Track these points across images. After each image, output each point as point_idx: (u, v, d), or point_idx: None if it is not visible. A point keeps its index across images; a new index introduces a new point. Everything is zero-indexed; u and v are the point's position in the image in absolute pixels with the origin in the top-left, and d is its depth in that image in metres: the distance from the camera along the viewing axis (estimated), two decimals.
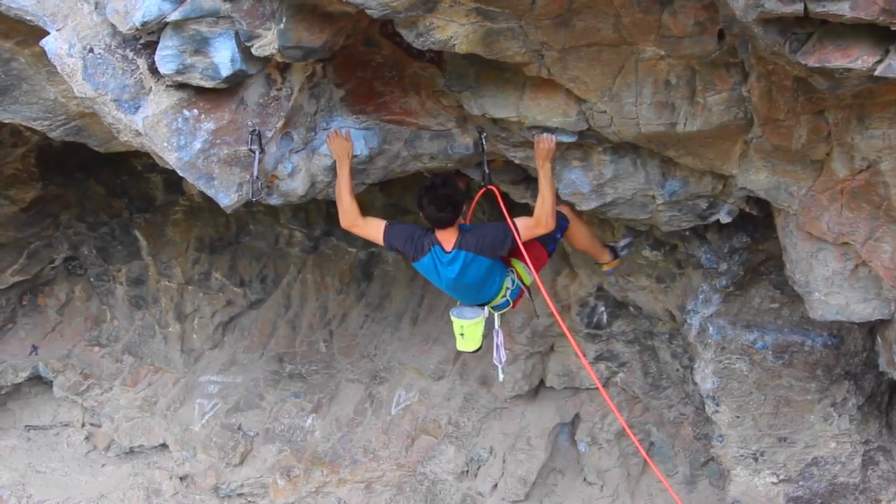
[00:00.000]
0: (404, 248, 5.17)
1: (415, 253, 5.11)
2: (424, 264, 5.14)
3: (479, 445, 8.50)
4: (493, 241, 5.13)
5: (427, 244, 5.07)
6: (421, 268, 5.20)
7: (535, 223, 5.13)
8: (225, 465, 8.77)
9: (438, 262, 5.09)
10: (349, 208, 5.16)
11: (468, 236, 5.06)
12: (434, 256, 5.07)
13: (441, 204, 4.92)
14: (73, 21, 4.34)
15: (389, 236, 5.16)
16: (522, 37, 4.26)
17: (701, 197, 5.48)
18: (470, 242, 5.05)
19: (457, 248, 5.04)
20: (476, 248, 5.07)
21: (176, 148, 4.47)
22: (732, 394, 6.77)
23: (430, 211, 4.93)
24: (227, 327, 9.39)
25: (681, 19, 4.04)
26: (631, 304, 7.61)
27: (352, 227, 5.24)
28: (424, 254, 5.08)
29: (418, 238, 5.10)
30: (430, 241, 5.06)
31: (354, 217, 5.17)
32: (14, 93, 5.03)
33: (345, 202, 5.15)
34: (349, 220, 5.20)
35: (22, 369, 9.23)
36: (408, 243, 5.13)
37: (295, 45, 4.29)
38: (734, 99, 4.47)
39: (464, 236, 5.05)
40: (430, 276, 5.25)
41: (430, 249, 5.06)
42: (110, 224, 8.90)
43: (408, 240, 5.13)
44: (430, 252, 5.07)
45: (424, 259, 5.10)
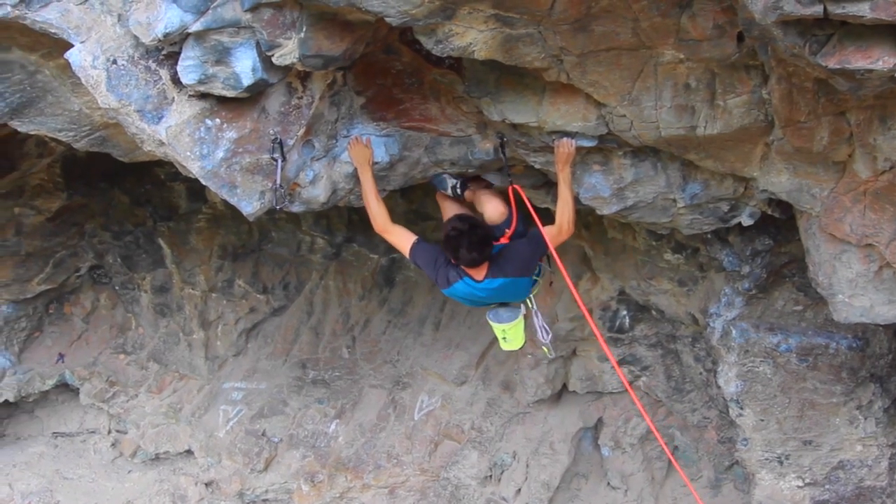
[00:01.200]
0: (430, 274, 5.17)
1: (441, 282, 5.11)
2: (454, 291, 5.12)
3: (502, 450, 8.49)
4: (525, 262, 5.17)
5: (453, 276, 5.04)
6: (450, 293, 5.18)
7: (558, 230, 5.17)
8: (250, 471, 8.81)
9: (471, 288, 5.08)
10: (378, 213, 5.18)
11: (500, 262, 5.04)
12: (464, 284, 5.06)
13: (481, 248, 4.89)
14: (97, 33, 4.39)
15: (416, 256, 5.17)
16: (541, 42, 4.27)
17: (722, 200, 5.45)
18: (505, 269, 5.06)
19: (491, 278, 5.04)
20: (512, 271, 5.10)
21: (199, 157, 4.51)
22: (756, 397, 6.73)
23: (472, 256, 4.88)
24: (251, 334, 9.45)
25: (700, 22, 4.03)
26: (653, 307, 7.58)
27: (383, 232, 5.26)
28: (451, 283, 5.06)
29: (443, 267, 5.07)
30: (456, 272, 5.03)
31: (385, 222, 5.19)
32: (40, 104, 5.07)
33: (373, 208, 5.18)
34: (380, 226, 5.22)
35: (49, 377, 9.33)
36: (434, 270, 5.11)
37: (315, 54, 4.32)
38: (754, 101, 4.44)
39: (495, 264, 5.02)
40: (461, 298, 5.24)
41: (458, 279, 5.04)
42: (135, 233, 8.98)
43: (433, 267, 5.11)
44: (460, 281, 5.05)
45: (454, 287, 5.09)
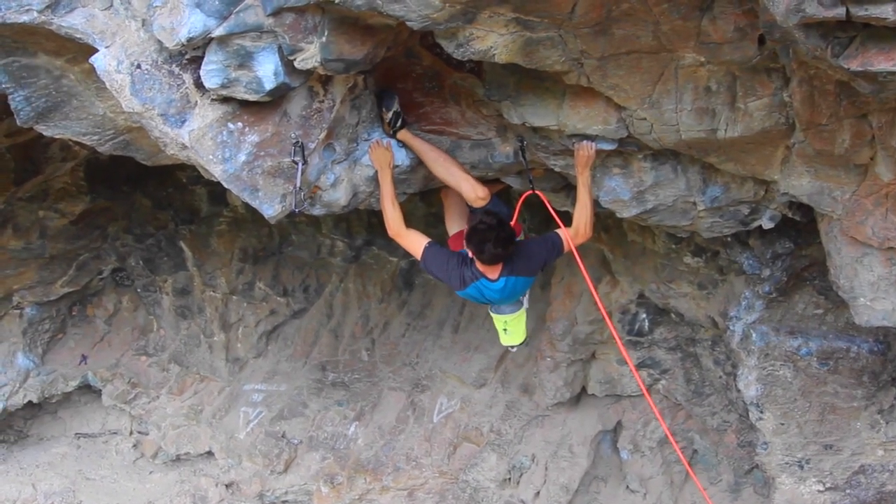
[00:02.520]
0: (442, 276, 5.19)
1: (455, 284, 5.13)
2: (467, 292, 5.15)
3: (521, 453, 8.48)
4: (540, 260, 5.21)
5: (469, 277, 5.05)
6: (463, 294, 5.21)
7: (575, 233, 5.20)
8: (270, 472, 8.86)
9: (484, 289, 5.10)
10: (393, 217, 5.20)
11: (517, 262, 5.06)
12: (479, 286, 5.08)
13: (506, 245, 4.89)
14: (121, 38, 4.42)
15: (427, 260, 5.17)
16: (562, 45, 4.28)
17: (743, 203, 5.43)
18: (520, 268, 5.09)
19: (505, 276, 5.05)
20: (526, 270, 5.14)
21: (221, 160, 4.53)
22: (777, 401, 6.70)
23: (496, 253, 4.88)
24: (271, 336, 9.50)
25: (721, 25, 4.03)
26: (672, 310, 7.57)
27: (396, 236, 5.28)
28: (467, 285, 5.08)
29: (457, 268, 5.09)
30: (472, 273, 5.04)
31: (399, 226, 5.21)
32: (64, 109, 5.10)
33: (388, 211, 5.20)
34: (394, 229, 5.24)
35: (72, 378, 9.41)
36: (446, 273, 5.13)
37: (337, 58, 4.35)
38: (775, 104, 4.43)
39: (511, 264, 5.04)
40: (472, 298, 5.27)
41: (473, 281, 5.06)
42: (156, 236, 9.05)
43: (446, 270, 5.13)
44: (475, 283, 5.07)
45: (468, 289, 5.11)
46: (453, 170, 5.34)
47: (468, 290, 5.13)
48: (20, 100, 4.95)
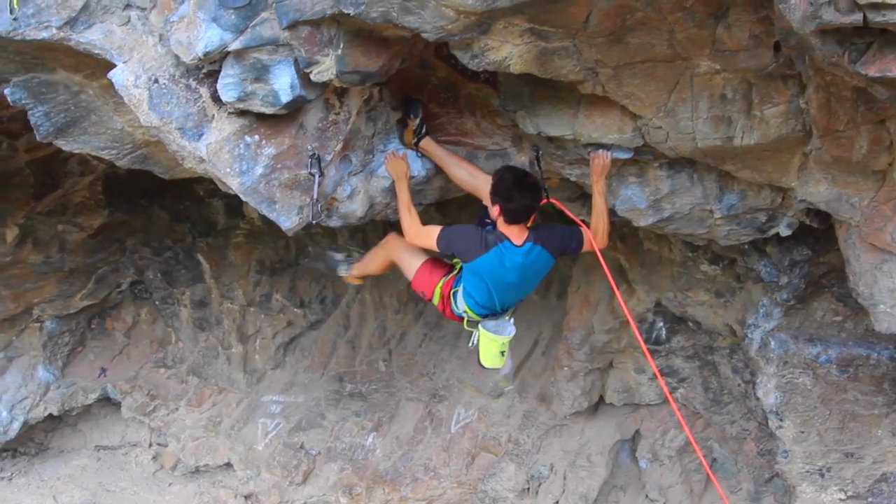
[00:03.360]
0: (463, 245, 5.10)
1: (477, 249, 5.02)
2: (489, 258, 5.01)
3: (539, 463, 8.46)
4: (562, 242, 5.21)
5: (492, 240, 5.00)
6: (482, 263, 5.04)
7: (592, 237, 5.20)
8: (288, 483, 8.87)
9: (507, 254, 5.00)
10: (411, 222, 5.23)
11: (542, 231, 5.07)
12: (501, 250, 4.99)
13: (534, 194, 4.91)
14: (139, 53, 4.47)
15: (446, 236, 5.11)
16: (576, 55, 4.30)
17: (760, 210, 5.41)
18: (544, 238, 5.07)
19: (531, 242, 5.02)
20: (549, 244, 5.11)
21: (238, 173, 4.56)
22: (796, 409, 6.66)
23: (524, 202, 4.87)
24: (289, 348, 9.53)
25: (736, 33, 4.04)
26: (690, 319, 7.53)
27: (416, 238, 5.27)
28: (489, 248, 4.99)
29: (479, 234, 5.07)
30: (495, 236, 5.00)
31: (416, 228, 5.23)
32: (83, 124, 5.15)
33: (406, 218, 5.23)
34: (412, 233, 5.25)
35: (91, 391, 9.46)
36: (468, 241, 5.07)
37: (352, 70, 4.38)
38: (792, 111, 4.42)
39: (537, 231, 5.04)
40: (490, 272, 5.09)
41: (496, 244, 4.99)
42: (174, 248, 9.11)
43: (468, 237, 5.09)
44: (498, 246, 4.99)
45: (489, 253, 5.00)
46: (476, 173, 5.36)
47: (490, 255, 5.00)
48: (40, 115, 5.00)
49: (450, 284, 5.44)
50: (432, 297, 5.53)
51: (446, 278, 5.47)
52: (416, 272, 5.57)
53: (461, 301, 5.39)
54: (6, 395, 9.02)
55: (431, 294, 5.51)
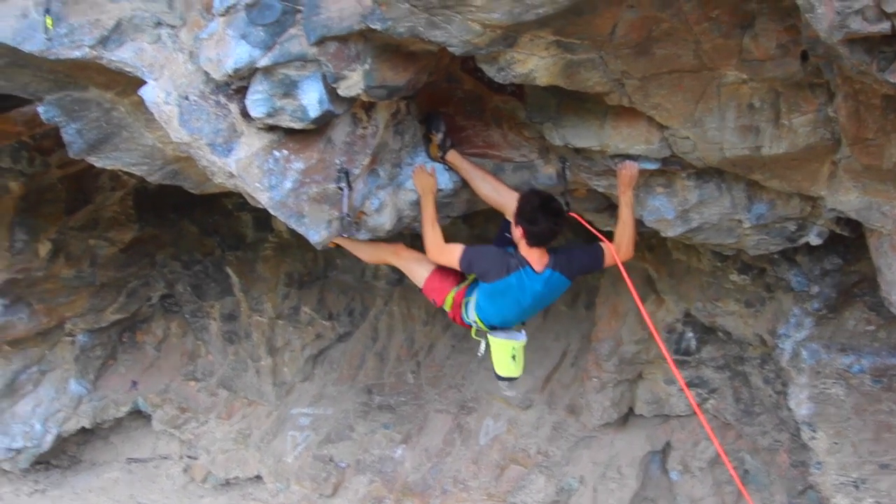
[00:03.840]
0: (485, 266, 5.11)
1: (498, 272, 5.04)
2: (508, 282, 5.05)
3: (569, 475, 8.42)
4: (581, 265, 5.23)
5: (514, 263, 5.02)
6: (501, 286, 5.08)
7: (616, 250, 5.20)
8: (318, 496, 8.89)
9: (527, 280, 5.04)
10: (434, 240, 5.23)
11: (561, 257, 5.08)
12: (522, 276, 5.03)
13: (557, 218, 4.92)
14: (169, 70, 4.52)
15: (468, 256, 5.13)
16: (602, 67, 4.30)
17: (789, 220, 5.37)
18: (563, 263, 5.09)
19: (550, 268, 5.05)
20: (568, 270, 5.13)
21: (267, 188, 4.59)
22: (829, 419, 6.59)
23: (547, 225, 4.89)
24: (317, 360, 9.57)
25: (762, 42, 4.02)
26: (720, 329, 7.48)
27: (437, 255, 5.27)
28: (510, 272, 5.02)
29: (502, 257, 5.08)
30: (517, 260, 5.03)
31: (440, 246, 5.23)
32: (115, 140, 5.22)
33: (429, 234, 5.23)
34: (435, 251, 5.25)
35: (123, 404, 9.55)
36: (490, 263, 5.09)
37: (380, 85, 4.40)
38: (820, 120, 4.39)
39: (556, 257, 5.06)
40: (507, 295, 5.14)
41: (517, 269, 5.02)
42: (203, 262, 9.19)
43: (490, 259, 5.10)
44: (519, 272, 5.02)
45: (510, 277, 5.03)
46: (501, 188, 5.38)
47: (510, 279, 5.04)
48: (72, 132, 5.09)
49: (462, 294, 5.46)
50: (443, 304, 5.55)
51: (459, 287, 5.48)
52: (427, 280, 5.59)
53: (472, 311, 5.41)
54: (39, 408, 9.14)
55: (443, 301, 5.53)
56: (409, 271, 5.74)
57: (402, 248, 5.68)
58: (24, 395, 9.07)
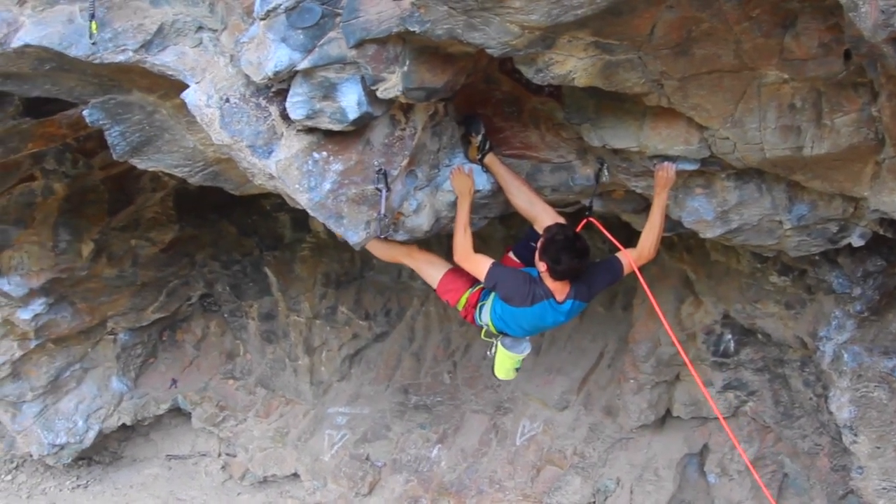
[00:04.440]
0: (510, 292, 5.12)
1: (522, 300, 5.08)
2: (534, 310, 5.10)
3: (605, 476, 8.39)
4: (600, 285, 5.28)
5: (539, 294, 5.05)
6: (527, 312, 5.14)
7: (638, 255, 5.21)
8: (354, 494, 8.94)
9: (550, 310, 5.10)
10: (464, 243, 5.22)
11: (581, 287, 5.09)
12: (545, 307, 5.08)
13: (582, 258, 4.91)
14: (211, 74, 4.58)
15: (495, 275, 5.12)
16: (641, 67, 4.27)
17: (831, 220, 5.30)
18: (583, 292, 5.13)
19: (571, 299, 5.09)
20: (588, 296, 5.19)
21: (307, 189, 4.61)
22: (871, 423, 6.50)
23: (573, 265, 4.90)
24: (354, 360, 9.63)
25: (804, 42, 3.97)
26: (759, 331, 7.41)
27: (464, 261, 5.26)
28: (534, 302, 5.06)
29: (526, 284, 5.08)
30: (543, 291, 5.05)
31: (467, 252, 5.22)
32: (157, 143, 5.30)
33: (460, 237, 5.23)
34: (462, 255, 5.24)
35: (163, 402, 9.71)
36: (515, 289, 5.09)
37: (418, 87, 4.42)
38: (863, 119, 4.32)
39: (577, 286, 5.07)
40: (527, 319, 5.20)
41: (541, 300, 5.05)
42: (242, 262, 9.30)
43: (517, 285, 5.10)
44: (542, 303, 5.06)
45: (536, 307, 5.08)
46: (536, 202, 5.39)
47: (533, 308, 5.09)
48: (116, 135, 5.17)
49: (477, 296, 5.49)
50: (457, 304, 5.59)
51: (473, 289, 5.50)
52: (441, 281, 5.61)
53: (486, 315, 5.43)
54: (82, 405, 9.30)
55: (456, 302, 5.57)
56: (422, 272, 5.78)
57: (416, 250, 5.69)
58: (67, 391, 9.23)
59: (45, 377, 8.97)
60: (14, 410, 9.04)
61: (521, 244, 5.66)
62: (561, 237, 4.91)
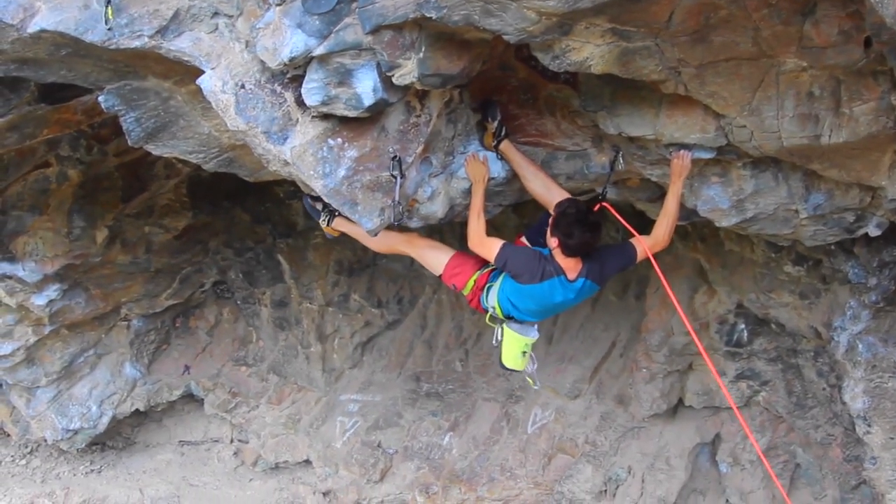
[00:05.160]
0: (520, 269, 5.12)
1: (532, 276, 5.07)
2: (541, 287, 5.10)
3: (617, 465, 8.40)
4: (613, 268, 5.25)
5: (550, 270, 5.05)
6: (533, 290, 5.13)
7: (653, 242, 5.19)
8: (366, 481, 8.98)
9: (560, 287, 5.09)
10: (478, 230, 5.21)
11: (594, 265, 5.08)
12: (555, 284, 5.07)
13: (594, 232, 4.91)
14: (226, 60, 4.56)
15: (506, 254, 5.13)
16: (658, 55, 4.25)
17: (848, 210, 5.27)
18: (596, 271, 5.11)
19: (583, 277, 5.07)
20: (600, 276, 5.16)
21: (322, 175, 4.60)
22: (885, 414, 6.48)
23: (584, 239, 4.89)
24: (366, 347, 9.66)
25: (824, 29, 3.94)
26: (773, 321, 7.38)
27: (478, 246, 5.26)
28: (544, 279, 5.06)
29: (537, 260, 5.08)
30: (554, 268, 5.05)
31: (481, 238, 5.21)
32: (172, 129, 5.29)
33: (474, 224, 5.22)
34: (476, 241, 5.24)
35: (176, 388, 9.77)
36: (525, 266, 5.09)
37: (434, 73, 4.39)
38: (883, 108, 4.28)
39: (590, 265, 5.06)
40: (537, 297, 5.18)
41: (551, 276, 5.05)
42: (255, 249, 9.32)
43: (526, 262, 5.10)
44: (553, 279, 5.05)
45: (543, 284, 5.07)
46: (552, 186, 5.36)
47: (542, 285, 5.07)
48: (131, 121, 5.16)
49: (485, 278, 5.48)
50: (464, 288, 5.56)
51: (482, 271, 5.49)
52: (448, 265, 5.59)
53: (493, 297, 5.42)
54: (96, 390, 9.36)
55: (464, 285, 5.54)
56: (425, 258, 5.75)
57: (416, 237, 5.66)
58: (80, 377, 9.30)
59: (59, 363, 9.03)
60: (28, 395, 9.11)
61: (533, 229, 5.63)
62: (573, 210, 4.92)
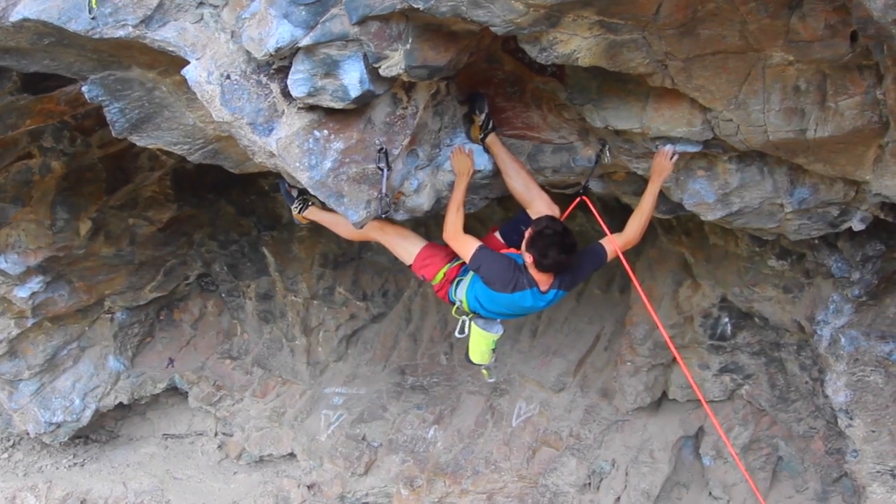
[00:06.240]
0: (493, 276, 5.10)
1: (504, 285, 5.07)
2: (512, 297, 5.10)
3: (601, 458, 8.43)
4: (583, 276, 5.37)
5: (523, 282, 5.04)
6: (509, 298, 5.12)
7: (624, 241, 5.21)
8: (350, 474, 8.98)
9: (531, 298, 5.10)
10: (455, 222, 5.20)
11: (566, 276, 5.09)
12: (527, 294, 5.08)
13: (569, 253, 4.90)
14: (212, 50, 4.52)
15: (480, 258, 5.10)
16: (646, 47, 4.25)
17: (832, 204, 5.29)
18: (567, 281, 5.13)
19: (555, 289, 5.09)
20: (571, 285, 5.20)
21: (307, 167, 4.59)
22: (867, 407, 6.53)
23: (559, 260, 4.89)
24: (351, 340, 9.65)
25: (810, 23, 3.95)
26: (756, 314, 7.42)
27: (452, 240, 5.25)
28: (516, 290, 5.06)
29: (510, 271, 5.06)
30: (527, 280, 5.04)
31: (457, 232, 5.20)
32: (157, 119, 5.25)
33: (451, 216, 5.21)
34: (451, 234, 5.22)
35: (160, 381, 9.72)
36: (499, 273, 5.07)
37: (421, 65, 4.38)
38: (868, 102, 4.30)
39: (562, 277, 5.06)
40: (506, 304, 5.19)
41: (523, 288, 5.05)
42: (240, 242, 9.27)
43: (500, 271, 5.07)
44: (525, 291, 5.06)
45: (514, 294, 5.08)
46: (531, 185, 5.38)
47: (513, 296, 5.08)
48: (115, 111, 5.12)
49: (455, 271, 5.49)
50: (433, 279, 5.56)
51: (451, 265, 5.50)
52: (418, 256, 5.58)
53: (462, 291, 5.42)
54: (79, 383, 9.30)
55: (433, 276, 5.54)
56: (395, 247, 5.72)
57: (387, 224, 5.61)
58: (64, 370, 9.23)
59: (41, 355, 8.97)
60: (11, 388, 9.04)
61: (509, 225, 5.63)
62: (550, 231, 4.88)
